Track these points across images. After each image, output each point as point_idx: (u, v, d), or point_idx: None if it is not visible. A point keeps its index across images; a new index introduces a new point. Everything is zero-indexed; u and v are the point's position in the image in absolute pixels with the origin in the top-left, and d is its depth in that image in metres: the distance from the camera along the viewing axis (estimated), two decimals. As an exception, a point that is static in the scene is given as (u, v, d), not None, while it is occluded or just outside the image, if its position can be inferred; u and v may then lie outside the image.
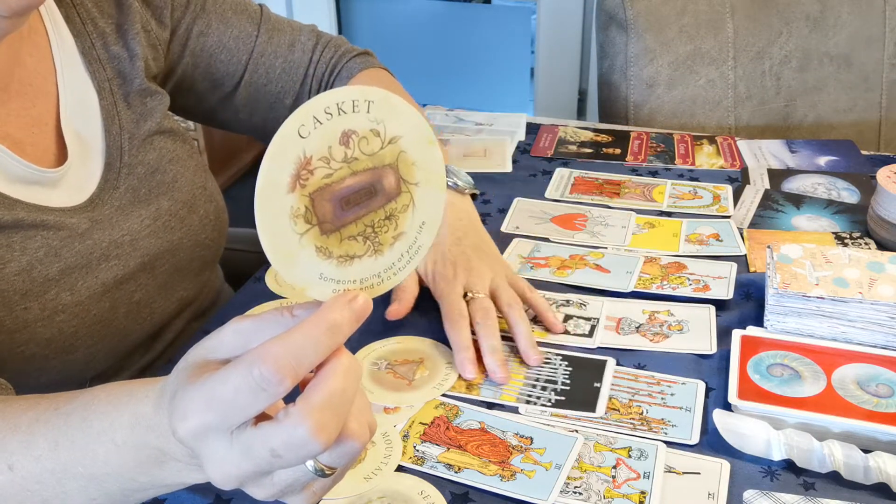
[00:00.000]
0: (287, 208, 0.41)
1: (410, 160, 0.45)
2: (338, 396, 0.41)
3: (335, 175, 0.42)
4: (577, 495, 0.61)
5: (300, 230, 0.42)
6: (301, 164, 0.40)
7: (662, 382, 0.72)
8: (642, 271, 0.88)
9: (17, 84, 0.73)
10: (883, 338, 0.74)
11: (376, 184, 0.44)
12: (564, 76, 2.26)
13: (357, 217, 0.44)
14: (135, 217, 0.78)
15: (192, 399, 0.40)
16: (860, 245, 0.92)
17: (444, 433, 0.67)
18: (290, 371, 0.40)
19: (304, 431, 0.40)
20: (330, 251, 0.43)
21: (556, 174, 1.11)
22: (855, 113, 1.44)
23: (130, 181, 0.79)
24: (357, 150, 0.42)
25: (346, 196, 0.43)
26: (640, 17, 1.36)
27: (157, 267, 0.80)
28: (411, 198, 0.46)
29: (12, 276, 0.68)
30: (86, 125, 0.77)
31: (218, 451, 0.41)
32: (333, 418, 0.41)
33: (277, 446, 0.40)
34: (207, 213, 0.85)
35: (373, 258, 0.45)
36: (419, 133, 0.45)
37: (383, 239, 0.45)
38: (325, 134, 0.41)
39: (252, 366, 0.39)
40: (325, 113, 0.41)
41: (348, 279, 0.45)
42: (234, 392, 0.39)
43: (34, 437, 0.48)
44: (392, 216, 0.45)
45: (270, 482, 0.44)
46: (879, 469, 0.61)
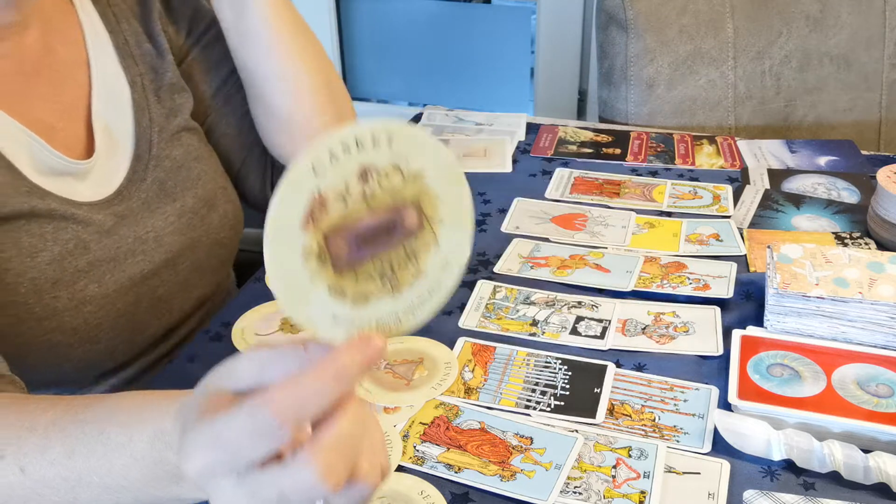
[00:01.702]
0: (299, 247, 0.39)
1: (434, 196, 0.42)
2: (346, 439, 0.40)
3: (351, 212, 0.40)
4: (577, 495, 0.61)
5: (312, 269, 0.40)
6: (315, 202, 0.39)
7: (676, 388, 0.72)
8: (642, 271, 0.88)
9: (48, 71, 0.75)
10: (883, 338, 0.74)
11: (396, 221, 0.42)
12: (564, 76, 2.25)
13: (374, 255, 0.42)
14: (159, 214, 0.80)
15: (198, 439, 0.40)
16: (860, 245, 0.92)
17: (444, 433, 0.67)
18: (293, 418, 0.38)
19: (311, 474, 0.39)
20: (344, 291, 0.41)
21: (556, 174, 1.11)
22: (855, 113, 1.44)
23: (157, 174, 0.80)
24: (376, 186, 0.40)
25: (362, 234, 0.41)
26: (640, 17, 1.36)
27: (178, 264, 0.82)
28: (434, 236, 0.43)
29: (44, 265, 0.69)
30: (116, 117, 0.79)
31: (225, 492, 0.40)
32: (342, 461, 0.40)
33: (285, 489, 0.39)
34: (227, 212, 0.87)
35: (390, 298, 0.43)
36: (445, 168, 0.42)
37: (402, 278, 0.43)
38: (342, 170, 0.39)
39: (255, 410, 0.39)
40: (342, 148, 0.39)
41: (363, 320, 0.43)
42: (237, 435, 0.39)
43: (50, 442, 0.48)
44: (412, 255, 0.43)
45: None
46: (879, 469, 0.61)
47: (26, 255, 0.68)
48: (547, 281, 0.87)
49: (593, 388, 0.72)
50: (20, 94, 0.72)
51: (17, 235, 0.68)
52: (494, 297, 0.85)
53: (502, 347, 0.78)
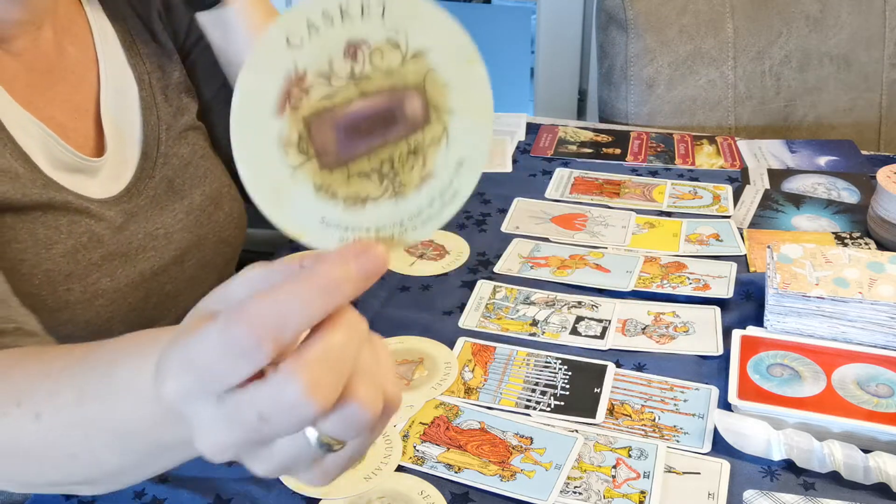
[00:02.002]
0: (275, 135, 0.33)
1: (442, 81, 0.35)
2: (336, 351, 0.35)
3: (338, 96, 0.34)
4: (577, 495, 0.61)
5: (293, 163, 0.34)
6: (291, 81, 0.33)
7: (676, 388, 0.72)
8: (642, 271, 0.88)
9: (61, 70, 0.76)
10: (883, 338, 0.74)
11: (395, 109, 0.35)
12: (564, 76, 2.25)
13: (370, 150, 0.35)
14: (168, 211, 0.80)
15: (171, 361, 0.35)
16: (860, 245, 0.92)
17: (444, 433, 0.67)
18: (270, 334, 0.33)
19: (294, 389, 0.33)
20: (334, 191, 0.35)
21: (556, 174, 1.11)
22: (855, 113, 1.44)
23: (166, 171, 0.81)
24: (368, 65, 0.34)
25: (353, 122, 0.34)
26: (640, 17, 1.36)
27: (186, 261, 0.82)
28: (444, 129, 0.36)
29: (58, 257, 0.70)
30: (124, 115, 0.80)
31: (204, 418, 0.35)
32: (330, 375, 0.34)
33: (265, 408, 0.34)
34: (232, 210, 0.87)
35: (392, 202, 0.37)
36: (454, 47, 0.35)
37: (406, 179, 0.36)
38: (324, 44, 0.33)
39: (227, 326, 0.34)
40: (323, 17, 0.32)
41: (360, 226, 0.36)
42: (210, 356, 0.34)
43: (61, 387, 0.46)
44: (418, 150, 0.36)
45: (268, 455, 0.37)
46: (879, 469, 0.61)
47: (41, 246, 0.69)
48: (547, 281, 0.87)
49: (593, 388, 0.72)
50: (34, 92, 0.73)
51: (33, 227, 0.69)
52: (494, 297, 0.85)
53: (502, 347, 0.78)
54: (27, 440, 0.48)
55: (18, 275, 0.67)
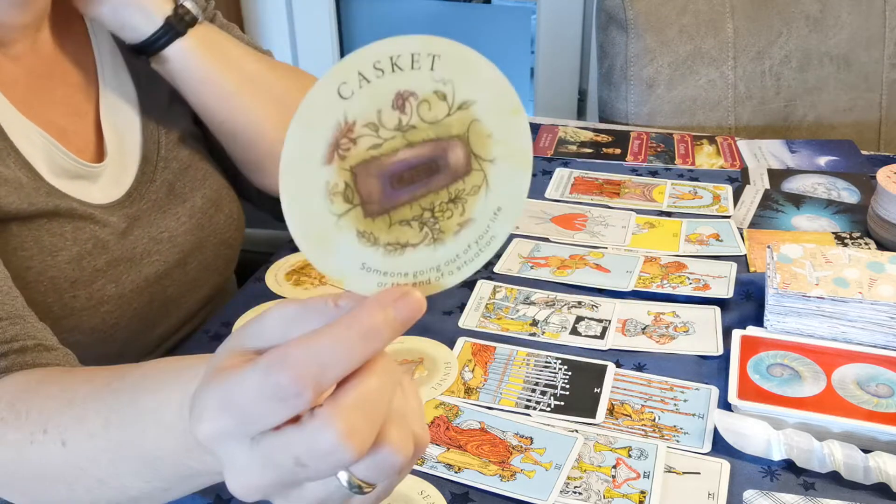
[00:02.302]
0: (322, 184, 0.33)
1: (486, 132, 0.36)
2: (372, 397, 0.35)
3: (385, 146, 0.34)
4: (577, 495, 0.61)
5: (338, 211, 0.34)
6: (341, 131, 0.33)
7: (675, 388, 0.72)
8: (642, 271, 0.88)
9: (60, 74, 0.76)
10: (883, 338, 0.74)
11: (439, 159, 0.35)
12: (564, 76, 2.26)
13: (413, 198, 0.36)
14: (171, 214, 0.80)
15: (209, 400, 0.36)
16: (860, 245, 0.92)
17: (444, 433, 0.67)
18: (312, 381, 0.34)
19: (331, 436, 0.34)
20: (376, 237, 0.36)
21: (556, 174, 1.11)
22: (855, 113, 1.44)
23: (166, 175, 0.81)
24: (415, 116, 0.34)
25: (398, 172, 0.35)
26: (640, 17, 1.36)
27: (188, 263, 0.82)
28: (484, 177, 0.37)
29: (63, 264, 0.70)
30: (124, 119, 0.79)
31: (238, 459, 0.36)
32: (366, 422, 0.35)
33: (302, 454, 0.35)
34: (231, 212, 0.87)
35: (431, 248, 0.37)
36: (500, 98, 0.36)
37: (445, 226, 0.37)
38: (374, 95, 0.33)
39: (269, 371, 0.34)
40: (374, 69, 0.32)
41: (398, 271, 0.37)
42: (249, 398, 0.34)
43: (87, 413, 0.46)
44: (458, 199, 0.37)
45: (299, 496, 0.38)
46: (879, 469, 0.61)
47: (47, 253, 0.69)
48: (547, 281, 0.87)
49: (593, 388, 0.72)
50: (34, 97, 0.73)
51: (38, 234, 0.69)
52: (494, 297, 0.85)
53: (502, 347, 0.78)
54: (55, 465, 0.48)
55: (24, 283, 0.67)
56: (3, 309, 0.60)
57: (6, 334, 0.58)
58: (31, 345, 0.59)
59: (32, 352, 0.59)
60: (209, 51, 0.78)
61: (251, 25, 2.45)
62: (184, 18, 0.75)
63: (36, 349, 0.59)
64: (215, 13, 0.90)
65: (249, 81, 0.81)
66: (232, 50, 0.81)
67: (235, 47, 0.82)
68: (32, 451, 0.49)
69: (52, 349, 0.61)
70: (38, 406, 0.50)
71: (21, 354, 0.58)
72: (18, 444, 0.49)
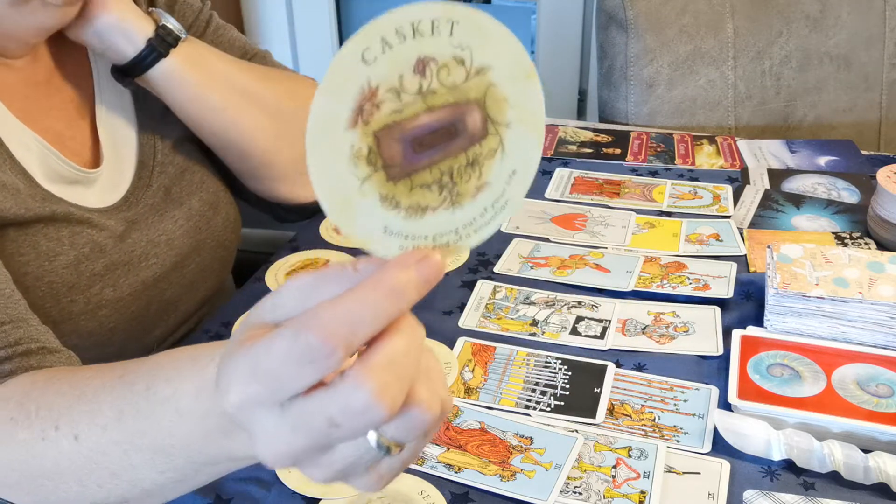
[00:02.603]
0: (347, 148, 0.34)
1: (501, 96, 0.37)
2: (400, 357, 0.35)
3: (406, 111, 0.35)
4: (577, 495, 0.61)
5: (362, 175, 0.35)
6: (365, 96, 0.34)
7: (675, 388, 0.72)
8: (642, 271, 0.88)
9: (58, 80, 0.76)
10: (883, 338, 0.74)
11: (457, 123, 0.36)
12: (564, 76, 2.25)
13: (432, 162, 0.37)
14: (169, 218, 0.80)
15: (236, 369, 0.36)
16: (860, 245, 0.92)
17: (444, 433, 0.67)
18: (342, 341, 0.34)
19: (364, 394, 0.34)
20: (398, 201, 0.37)
21: (556, 174, 1.11)
22: (855, 113, 1.44)
23: (162, 180, 0.81)
24: (435, 81, 0.35)
25: (419, 136, 0.36)
26: (640, 17, 1.36)
27: (185, 266, 0.82)
28: (500, 141, 0.38)
29: (61, 269, 0.70)
30: (120, 124, 0.79)
31: (267, 427, 0.36)
32: (396, 381, 0.35)
33: (335, 414, 0.35)
34: (228, 214, 0.87)
35: (449, 211, 0.38)
36: (514, 63, 0.37)
37: (463, 189, 0.38)
38: (396, 60, 0.34)
39: (298, 334, 0.34)
40: (396, 34, 0.34)
41: (419, 234, 0.38)
42: (279, 363, 0.35)
43: (100, 406, 0.47)
44: (475, 162, 0.38)
45: (329, 461, 0.38)
46: (879, 469, 0.61)
47: (44, 258, 0.69)
48: (547, 281, 0.87)
49: (593, 388, 0.72)
50: (32, 105, 0.73)
51: (35, 239, 0.68)
52: (494, 297, 0.85)
53: (502, 347, 0.78)
54: (67, 461, 0.48)
55: (22, 288, 0.66)
56: (6, 313, 0.60)
57: (10, 338, 0.58)
58: (35, 348, 0.59)
59: (36, 355, 0.59)
60: (193, 68, 0.78)
61: (251, 25, 2.45)
62: (165, 39, 0.75)
63: (40, 352, 0.59)
64: (211, 14, 0.90)
65: (238, 95, 0.82)
66: (218, 65, 0.81)
67: (223, 62, 0.82)
68: (44, 448, 0.49)
69: (56, 351, 0.61)
70: (48, 403, 0.50)
71: (25, 357, 0.58)
72: (29, 442, 0.49)
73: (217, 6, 0.92)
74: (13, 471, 0.50)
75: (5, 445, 0.50)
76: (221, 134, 0.82)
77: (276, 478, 0.63)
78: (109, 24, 0.73)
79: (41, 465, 0.49)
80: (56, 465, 0.49)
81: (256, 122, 0.83)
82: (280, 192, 0.89)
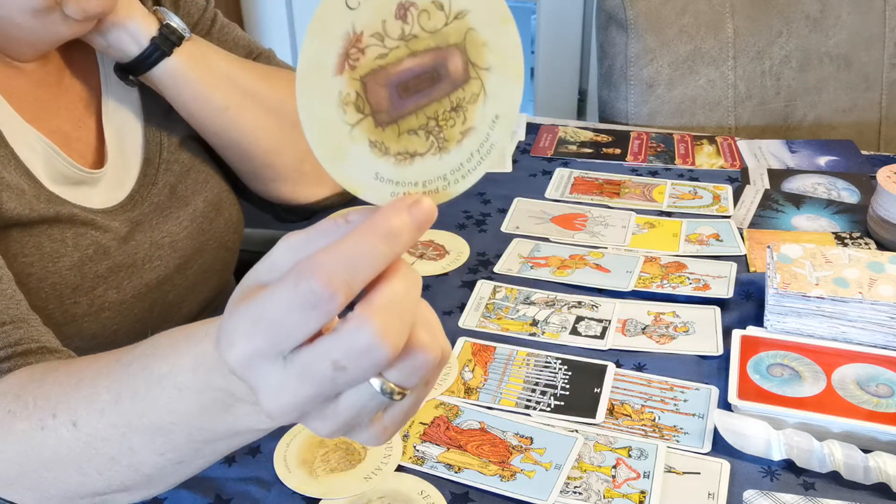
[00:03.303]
0: (335, 94, 0.35)
1: (480, 40, 0.38)
2: (400, 299, 0.36)
3: (391, 55, 0.36)
4: (577, 495, 0.61)
5: (351, 120, 0.36)
6: (350, 41, 0.35)
7: (675, 388, 0.72)
8: (642, 271, 0.88)
9: (68, 79, 0.76)
10: (883, 338, 0.74)
11: (440, 67, 0.37)
12: (564, 76, 2.25)
13: (418, 107, 0.38)
14: (173, 219, 0.80)
15: (238, 324, 0.36)
16: (860, 245, 0.92)
17: (444, 433, 0.67)
18: (343, 284, 0.34)
19: (368, 334, 0.35)
20: (387, 147, 0.37)
21: (556, 174, 1.11)
22: (855, 113, 1.44)
23: (168, 178, 0.81)
24: (416, 25, 0.36)
25: (404, 81, 0.37)
26: (640, 17, 1.36)
27: (189, 268, 0.82)
28: (482, 86, 0.39)
29: (65, 271, 0.70)
30: (126, 122, 0.79)
31: (272, 379, 0.36)
32: (398, 321, 0.36)
33: (340, 357, 0.35)
34: (231, 215, 0.87)
35: (437, 157, 0.39)
36: (491, 8, 0.38)
37: (449, 134, 0.39)
38: (378, 5, 0.35)
39: (299, 281, 0.34)
40: None
41: (409, 181, 0.39)
42: (281, 312, 0.35)
43: (97, 391, 0.47)
44: (459, 107, 0.39)
45: (334, 411, 0.38)
46: (879, 469, 0.61)
47: (48, 260, 0.69)
48: (547, 281, 0.87)
49: (593, 388, 0.72)
50: (41, 107, 0.73)
51: (39, 240, 0.68)
52: (494, 297, 0.85)
53: (502, 347, 0.78)
54: (66, 449, 0.48)
55: (26, 289, 0.66)
56: (7, 313, 0.60)
57: (10, 338, 0.58)
58: (35, 347, 0.59)
59: (36, 354, 0.59)
60: (197, 68, 0.78)
61: (251, 25, 2.45)
62: (169, 38, 0.75)
63: (39, 352, 0.59)
64: (216, 12, 0.90)
65: (241, 95, 0.82)
66: (221, 64, 0.81)
67: (226, 61, 0.82)
68: (43, 438, 0.49)
69: (56, 351, 0.61)
70: (46, 393, 0.50)
71: (24, 357, 0.58)
72: (28, 433, 0.49)
73: (217, 6, 0.92)
74: (13, 464, 0.50)
75: (4, 439, 0.50)
76: (223, 133, 0.82)
77: (276, 478, 0.63)
78: (113, 22, 0.73)
79: (40, 456, 0.49)
80: (55, 454, 0.49)
81: (259, 122, 0.83)
82: (282, 192, 0.89)
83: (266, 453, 0.66)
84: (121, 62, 0.76)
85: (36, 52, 0.72)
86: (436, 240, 0.96)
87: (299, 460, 0.64)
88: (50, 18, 0.66)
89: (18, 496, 0.53)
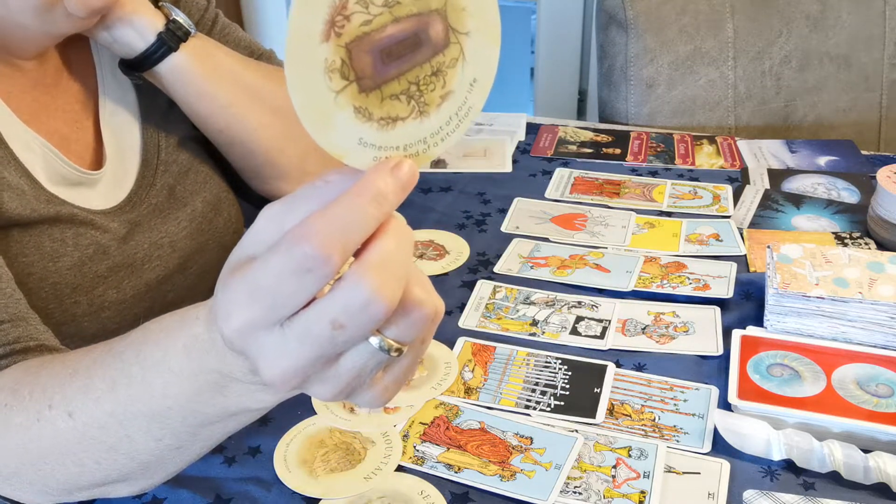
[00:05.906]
0: (321, 61, 0.36)
1: (460, 5, 0.39)
2: (393, 255, 0.37)
3: (375, 22, 0.36)
4: (576, 495, 0.61)
5: (336, 87, 0.36)
6: (336, 9, 0.35)
7: (675, 388, 0.72)
8: (642, 271, 0.88)
9: (65, 81, 0.76)
10: (883, 338, 0.74)
11: (421, 32, 0.38)
12: (564, 76, 2.25)
13: (400, 72, 0.38)
14: (172, 219, 0.80)
15: (234, 295, 0.36)
16: (860, 245, 0.92)
17: (444, 433, 0.67)
18: (337, 246, 0.35)
19: (364, 290, 0.35)
20: (370, 112, 0.38)
21: (556, 174, 1.11)
22: (855, 113, 1.44)
23: (166, 179, 0.80)
24: None
25: (387, 47, 0.37)
26: (640, 17, 1.36)
27: (188, 268, 0.82)
28: (461, 50, 0.40)
29: (65, 270, 0.70)
30: (124, 123, 0.79)
31: (271, 347, 0.37)
32: (393, 277, 0.36)
33: (338, 315, 0.36)
34: (230, 216, 0.87)
35: (418, 121, 0.40)
36: None
37: (429, 99, 0.40)
38: None
39: (293, 246, 0.35)
40: None
41: (391, 145, 0.39)
42: (277, 279, 0.35)
43: (92, 380, 0.47)
44: (439, 72, 0.39)
45: (336, 373, 0.39)
46: (879, 469, 0.61)
47: (48, 259, 0.69)
48: (547, 281, 0.87)
49: (593, 388, 0.72)
50: (41, 107, 0.73)
51: (39, 240, 0.68)
52: (494, 297, 0.85)
53: (502, 347, 0.78)
54: (63, 440, 0.48)
55: (26, 289, 0.66)
56: (6, 311, 0.60)
57: (8, 336, 0.58)
58: (34, 346, 0.59)
59: (34, 352, 0.59)
60: (202, 64, 0.78)
61: (251, 25, 2.44)
62: (176, 34, 0.75)
63: (38, 350, 0.59)
64: (217, 13, 0.89)
65: (245, 92, 0.81)
66: (226, 61, 0.81)
67: (231, 59, 0.82)
68: (40, 429, 0.49)
69: (55, 350, 0.61)
70: (42, 385, 0.50)
71: (23, 355, 0.58)
72: (25, 425, 0.49)
73: (217, 6, 0.91)
74: (12, 458, 0.51)
75: (3, 433, 0.50)
76: (227, 131, 0.82)
77: (276, 478, 0.63)
78: (119, 17, 0.73)
79: (38, 448, 0.49)
80: (53, 446, 0.49)
81: (262, 120, 0.83)
82: (284, 191, 0.89)
83: (266, 453, 0.66)
84: (126, 58, 0.76)
85: (38, 48, 0.72)
86: (436, 240, 0.96)
87: (299, 460, 0.64)
88: (52, 15, 0.66)
89: (19, 491, 0.53)
